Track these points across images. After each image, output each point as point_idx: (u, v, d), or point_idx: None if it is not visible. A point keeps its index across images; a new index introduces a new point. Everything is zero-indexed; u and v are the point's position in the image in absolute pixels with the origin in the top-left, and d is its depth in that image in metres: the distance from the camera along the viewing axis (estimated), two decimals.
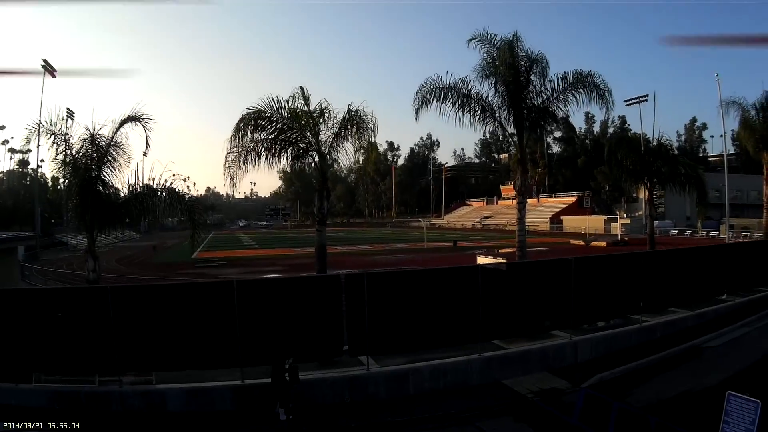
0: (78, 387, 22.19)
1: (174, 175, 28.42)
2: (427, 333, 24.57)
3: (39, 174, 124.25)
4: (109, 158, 27.61)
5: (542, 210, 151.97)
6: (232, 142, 27.41)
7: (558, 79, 30.87)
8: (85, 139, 27.32)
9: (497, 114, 31.30)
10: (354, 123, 27.55)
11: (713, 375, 23.78)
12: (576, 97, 30.98)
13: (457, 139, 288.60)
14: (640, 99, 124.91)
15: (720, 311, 33.89)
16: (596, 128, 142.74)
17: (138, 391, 21.98)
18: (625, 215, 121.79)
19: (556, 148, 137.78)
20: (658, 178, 40.11)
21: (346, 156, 27.94)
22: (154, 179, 28.30)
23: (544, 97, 30.88)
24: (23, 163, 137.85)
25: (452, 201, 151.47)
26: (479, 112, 31.41)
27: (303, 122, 26.99)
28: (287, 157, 27.63)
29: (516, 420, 20.54)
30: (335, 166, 27.64)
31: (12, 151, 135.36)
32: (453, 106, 31.33)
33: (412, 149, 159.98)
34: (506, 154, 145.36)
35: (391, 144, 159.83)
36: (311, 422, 20.41)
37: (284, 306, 23.57)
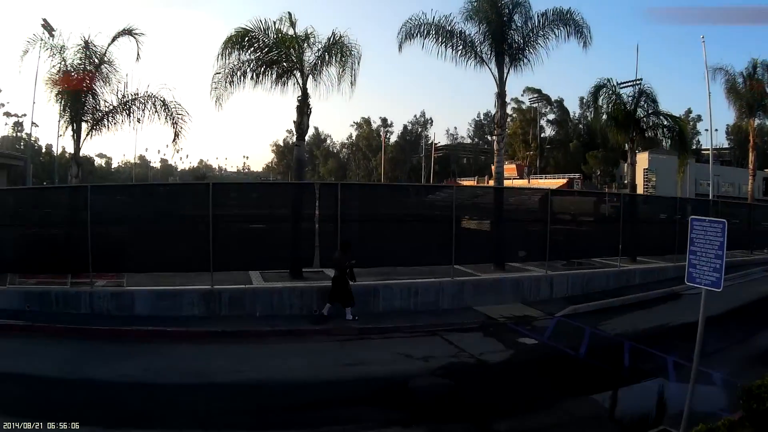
0: (49, 288, 22.04)
1: (163, 86, 28.54)
2: (401, 252, 24.58)
3: (33, 138, 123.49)
4: (101, 71, 27.68)
5: (532, 194, 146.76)
6: (219, 60, 27.26)
7: (538, 17, 30.87)
8: (79, 49, 27.27)
9: (478, 49, 31.11)
10: (338, 49, 27.44)
11: (692, 314, 23.66)
12: (555, 33, 30.92)
13: (451, 118, 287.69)
14: (635, 82, 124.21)
15: None
16: (589, 114, 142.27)
17: (108, 292, 21.85)
18: (615, 199, 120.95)
19: (549, 131, 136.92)
20: (641, 129, 39.95)
21: (330, 81, 27.58)
22: (139, 93, 28.21)
23: (524, 33, 30.79)
24: (18, 125, 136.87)
25: (443, 179, 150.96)
26: (461, 47, 31.31)
27: (288, 44, 26.76)
28: (272, 77, 27.48)
29: (484, 335, 20.55)
30: (319, 90, 27.23)
31: (7, 114, 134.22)
32: (436, 41, 31.34)
33: (405, 126, 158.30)
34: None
35: (384, 120, 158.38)
36: None
37: (258, 212, 23.95)
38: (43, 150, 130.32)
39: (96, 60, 27.46)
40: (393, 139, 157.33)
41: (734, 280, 29.95)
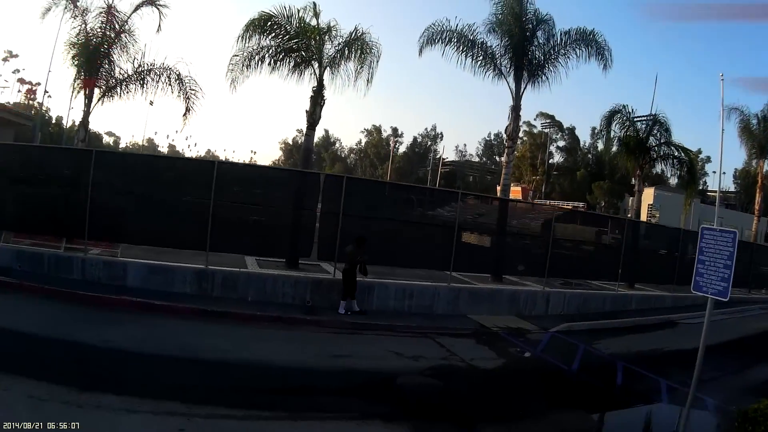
0: (42, 249, 21.99)
1: (180, 60, 28.37)
2: (400, 252, 24.54)
3: (45, 108, 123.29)
4: (121, 39, 27.64)
5: (534, 216, 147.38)
6: (239, 43, 27.08)
7: (561, 35, 30.91)
8: (100, 13, 27.16)
9: (498, 62, 31.07)
10: (359, 45, 27.36)
11: (687, 341, 23.47)
12: (576, 53, 30.95)
13: (461, 135, 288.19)
14: (649, 116, 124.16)
15: (698, 300, 33.30)
16: (600, 144, 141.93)
17: (101, 261, 21.71)
18: (617, 231, 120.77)
19: (557, 157, 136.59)
20: (651, 158, 39.73)
21: (347, 76, 27.56)
22: (155, 64, 28.17)
23: (545, 50, 30.76)
24: (31, 93, 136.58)
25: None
26: (481, 57, 31.33)
27: (309, 34, 26.72)
28: (289, 65, 27.44)
29: (477, 342, 20.34)
30: (335, 83, 27.06)
31: (22, 81, 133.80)
32: (457, 49, 31.28)
33: (415, 138, 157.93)
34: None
35: (395, 129, 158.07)
36: None
37: (261, 196, 23.73)
38: (53, 121, 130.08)
39: (117, 26, 27.37)
40: (402, 149, 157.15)
41: (732, 314, 29.82)
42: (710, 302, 10.45)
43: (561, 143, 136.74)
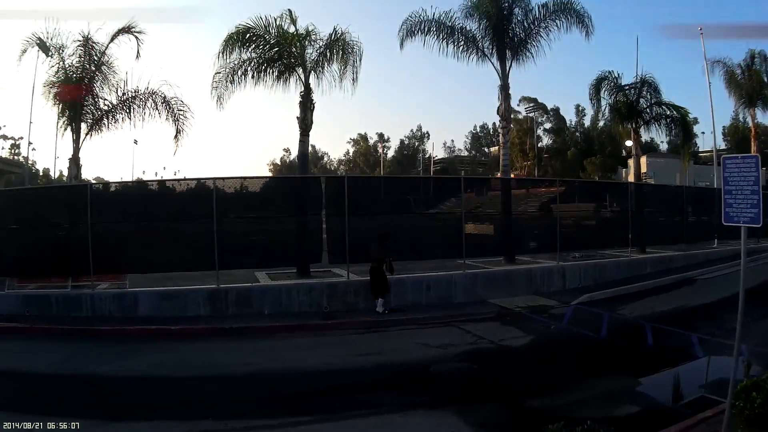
0: (49, 291, 21.64)
1: (164, 83, 27.99)
2: (411, 246, 24.13)
3: (30, 162, 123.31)
4: (101, 70, 27.34)
5: (532, 200, 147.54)
6: (220, 59, 27.03)
7: (539, 8, 30.68)
8: (77, 47, 27.00)
9: (480, 44, 30.92)
10: (339, 46, 27.16)
11: (709, 295, 23.68)
12: (557, 24, 30.70)
13: (447, 131, 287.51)
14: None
15: (711, 255, 33.28)
16: (587, 121, 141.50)
17: (110, 294, 21.37)
18: (614, 203, 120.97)
19: (546, 140, 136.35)
20: (645, 120, 39.45)
21: (332, 77, 27.39)
22: (139, 90, 27.88)
23: (526, 25, 30.54)
24: (14, 147, 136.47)
25: (444, 192, 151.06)
26: (462, 43, 31.22)
27: (289, 41, 26.60)
28: (273, 75, 27.26)
29: (502, 324, 19.98)
30: (322, 86, 26.96)
31: (4, 137, 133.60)
32: (437, 37, 31.08)
33: (402, 141, 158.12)
34: (495, 147, 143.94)
35: (381, 135, 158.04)
36: None
37: (263, 208, 23.70)
38: (41, 173, 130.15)
39: (96, 58, 27.07)
40: (390, 153, 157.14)
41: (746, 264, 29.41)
42: (743, 231, 10.05)
43: (547, 125, 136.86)
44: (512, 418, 10.25)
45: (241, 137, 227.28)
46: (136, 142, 30.21)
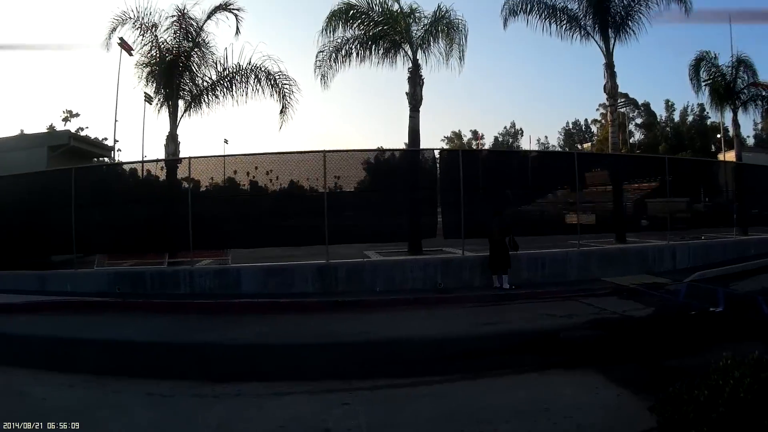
0: (143, 268, 21.20)
1: (267, 57, 26.91)
2: (523, 223, 23.41)
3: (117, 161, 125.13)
4: (198, 49, 26.54)
5: (626, 195, 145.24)
6: (324, 36, 26.59)
7: None
8: (173, 23, 26.03)
9: (582, 23, 30.18)
10: (444, 24, 26.49)
11: None
12: (657, 1, 29.69)
13: (540, 128, 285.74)
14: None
15: None
16: (676, 116, 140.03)
17: (210, 270, 20.89)
18: (706, 199, 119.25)
19: (637, 135, 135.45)
20: (742, 101, 38.13)
21: (440, 56, 26.80)
22: (240, 65, 26.72)
23: (626, 2, 29.54)
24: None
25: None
26: (565, 21, 30.48)
27: (395, 17, 26.18)
28: (379, 53, 26.76)
29: (620, 298, 19.10)
30: (429, 64, 26.35)
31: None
32: (539, 17, 30.34)
33: (496, 137, 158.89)
34: (588, 144, 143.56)
35: (475, 132, 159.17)
36: None
37: (373, 182, 23.11)
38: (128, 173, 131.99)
39: (193, 34, 26.24)
40: (485, 174, 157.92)
41: None
42: None
43: (638, 120, 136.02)
44: (653, 376, 9.40)
45: (336, 137, 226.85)
46: (226, 141, 28.89)
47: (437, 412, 8.58)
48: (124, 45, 40.66)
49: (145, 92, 40.12)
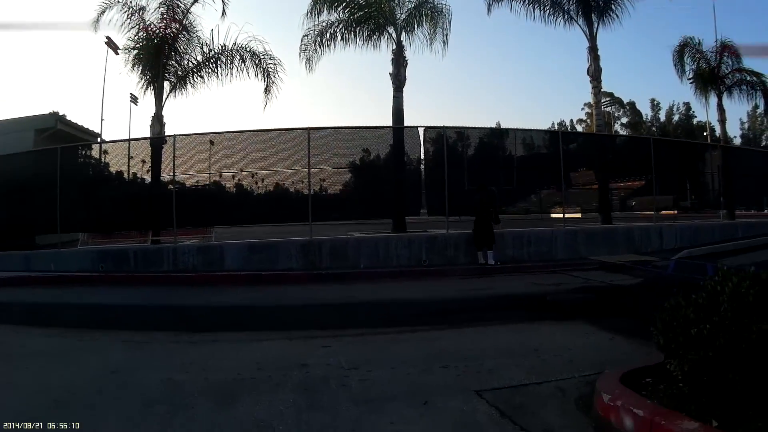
0: (126, 245, 21.23)
1: (251, 38, 27.15)
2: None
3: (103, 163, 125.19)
4: (186, 32, 26.33)
5: (615, 205, 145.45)
6: (308, 20, 26.67)
7: None
8: (159, 7, 25.58)
9: (566, 7, 30.24)
10: (428, 8, 26.64)
11: None
12: None
13: (525, 127, 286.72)
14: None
15: None
16: (662, 115, 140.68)
17: (194, 247, 20.84)
18: (693, 196, 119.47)
19: (626, 147, 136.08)
20: (726, 86, 38.13)
21: (424, 37, 26.90)
22: (225, 46, 26.61)
23: None
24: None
25: None
26: (548, 6, 30.58)
27: (378, 1, 26.24)
28: (363, 35, 26.80)
29: (607, 272, 19.18)
30: (413, 47, 26.52)
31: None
32: (523, 2, 30.44)
33: (481, 139, 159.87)
34: (575, 144, 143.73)
35: (460, 134, 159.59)
36: None
37: (356, 158, 22.68)
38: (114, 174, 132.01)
39: (179, 17, 25.86)
40: (470, 151, 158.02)
41: None
42: None
43: (624, 120, 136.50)
44: (639, 325, 9.26)
45: (325, 108, 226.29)
46: (212, 143, 28.71)
47: (420, 353, 8.55)
48: (111, 44, 40.58)
49: (131, 93, 40.25)
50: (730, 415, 4.69)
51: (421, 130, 22.98)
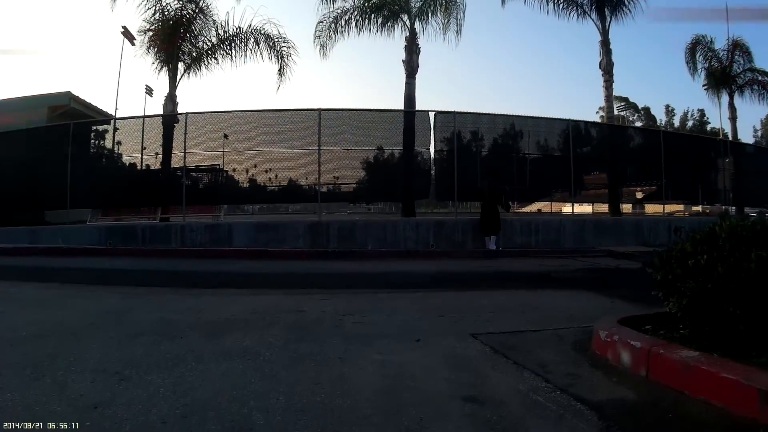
0: (134, 222, 21.24)
1: (266, 21, 27.40)
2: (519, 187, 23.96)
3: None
4: (201, 13, 26.40)
5: (624, 199, 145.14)
6: (323, 7, 26.75)
7: None
8: None
9: (579, 1, 30.27)
10: None
11: None
12: None
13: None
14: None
15: None
16: (676, 122, 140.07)
17: (202, 225, 20.88)
18: (705, 202, 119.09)
19: (637, 140, 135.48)
20: (738, 85, 38.01)
21: (437, 29, 27.05)
22: (240, 28, 26.85)
23: None
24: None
25: None
26: (562, 1, 30.45)
27: None
28: (378, 21, 26.87)
29: (615, 259, 19.11)
30: (426, 35, 26.87)
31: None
32: None
33: (495, 139, 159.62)
34: (589, 147, 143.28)
35: (474, 134, 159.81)
36: None
37: (366, 141, 22.39)
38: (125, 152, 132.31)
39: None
40: (483, 152, 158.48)
41: None
42: None
43: (638, 124, 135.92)
44: (642, 295, 9.15)
45: (336, 94, 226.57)
46: (227, 136, 28.47)
47: (418, 306, 8.63)
48: (127, 34, 40.74)
49: (146, 85, 40.17)
50: (731, 353, 4.62)
51: (431, 114, 22.65)
